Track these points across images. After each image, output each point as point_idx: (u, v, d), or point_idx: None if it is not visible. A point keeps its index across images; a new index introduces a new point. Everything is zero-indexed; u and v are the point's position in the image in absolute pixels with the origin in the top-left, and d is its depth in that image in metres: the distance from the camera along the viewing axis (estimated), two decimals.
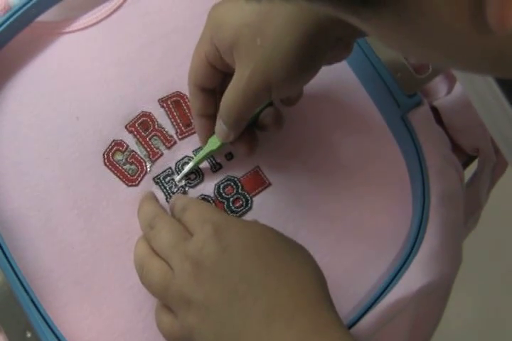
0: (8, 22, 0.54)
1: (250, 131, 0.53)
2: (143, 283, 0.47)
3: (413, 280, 0.51)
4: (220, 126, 0.51)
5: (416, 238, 0.53)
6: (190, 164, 0.54)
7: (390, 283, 0.51)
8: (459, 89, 0.59)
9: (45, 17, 0.56)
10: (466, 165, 0.60)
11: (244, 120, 0.50)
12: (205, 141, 0.54)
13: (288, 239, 0.47)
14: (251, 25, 0.45)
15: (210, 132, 0.53)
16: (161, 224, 0.48)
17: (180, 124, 0.56)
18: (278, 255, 0.45)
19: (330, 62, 0.50)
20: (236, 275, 0.43)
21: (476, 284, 1.13)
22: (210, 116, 0.53)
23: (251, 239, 0.45)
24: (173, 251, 0.46)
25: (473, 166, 0.61)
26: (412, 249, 0.52)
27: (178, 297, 0.44)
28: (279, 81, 0.46)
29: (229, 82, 0.48)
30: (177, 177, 0.54)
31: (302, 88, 0.53)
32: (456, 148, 0.59)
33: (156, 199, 0.53)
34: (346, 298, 0.52)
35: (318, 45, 0.45)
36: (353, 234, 0.55)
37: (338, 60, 0.51)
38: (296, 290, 0.43)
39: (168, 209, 0.52)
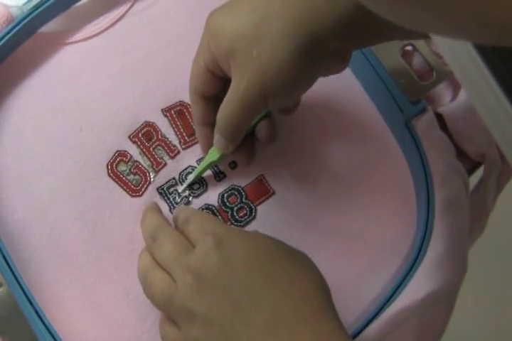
0: (11, 33, 0.54)
1: (248, 139, 0.53)
2: (146, 295, 0.47)
3: (418, 288, 0.51)
4: (218, 138, 0.51)
5: (421, 246, 0.52)
6: (192, 176, 0.54)
7: (395, 291, 0.51)
8: (464, 96, 0.58)
9: (47, 28, 0.56)
10: (471, 171, 0.60)
11: (242, 131, 0.50)
12: (206, 150, 0.54)
13: (291, 248, 0.46)
14: (247, 36, 0.45)
15: (211, 141, 0.53)
16: (164, 236, 0.48)
17: (184, 134, 0.56)
18: (280, 266, 0.45)
19: (326, 74, 0.50)
20: (238, 287, 0.43)
21: (476, 285, 1.12)
22: (212, 125, 0.52)
23: (253, 251, 0.45)
24: (176, 264, 0.46)
25: (479, 173, 0.61)
26: (417, 257, 0.52)
27: (181, 309, 0.44)
28: (275, 92, 0.46)
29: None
30: (180, 189, 0.54)
31: (300, 98, 0.53)
32: (461, 154, 0.58)
33: (159, 210, 0.53)
34: (351, 307, 0.52)
35: (314, 57, 0.45)
36: (358, 242, 0.54)
37: (334, 72, 0.50)
38: (298, 300, 0.43)
39: (171, 220, 0.52)
